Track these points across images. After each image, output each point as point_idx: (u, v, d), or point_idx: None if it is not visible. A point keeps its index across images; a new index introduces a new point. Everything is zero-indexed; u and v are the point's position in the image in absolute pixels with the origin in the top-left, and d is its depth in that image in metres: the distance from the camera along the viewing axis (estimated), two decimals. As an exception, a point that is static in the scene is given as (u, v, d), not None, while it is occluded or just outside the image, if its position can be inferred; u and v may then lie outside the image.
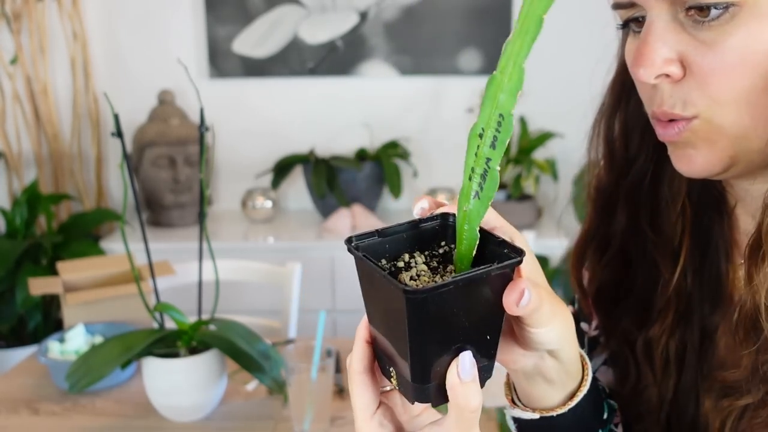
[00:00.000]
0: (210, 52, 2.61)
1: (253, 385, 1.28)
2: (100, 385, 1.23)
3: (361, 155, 2.58)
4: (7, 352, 2.25)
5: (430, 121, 2.64)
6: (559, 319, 0.44)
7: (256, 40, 2.60)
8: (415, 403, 0.43)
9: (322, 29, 2.58)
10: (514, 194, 2.42)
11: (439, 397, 0.43)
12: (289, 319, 1.77)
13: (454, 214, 0.45)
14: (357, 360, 0.45)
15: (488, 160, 0.41)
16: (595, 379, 0.57)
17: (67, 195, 2.55)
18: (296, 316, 1.78)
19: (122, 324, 1.40)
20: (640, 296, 0.62)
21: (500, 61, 0.39)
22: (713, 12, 0.46)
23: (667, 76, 0.50)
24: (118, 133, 1.03)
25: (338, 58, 2.60)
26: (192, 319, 1.18)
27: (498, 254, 0.43)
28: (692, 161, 0.52)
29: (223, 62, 2.61)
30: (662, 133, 0.53)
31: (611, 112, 0.63)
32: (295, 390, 1.08)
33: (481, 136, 0.41)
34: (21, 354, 2.19)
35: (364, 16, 2.57)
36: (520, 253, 0.42)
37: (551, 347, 0.46)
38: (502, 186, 2.49)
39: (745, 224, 0.60)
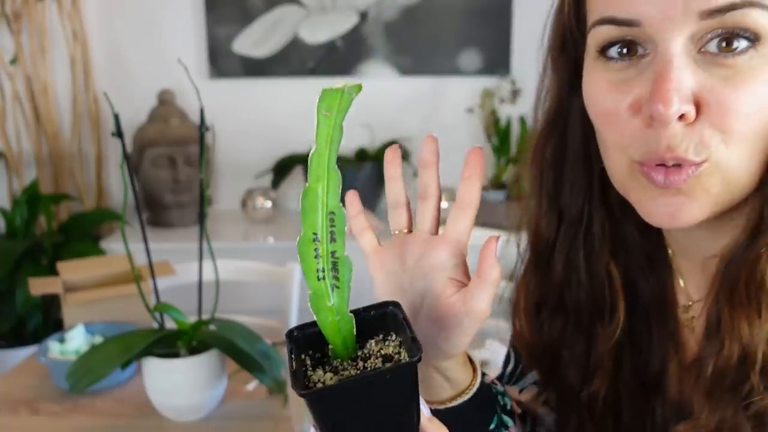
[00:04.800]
0: (210, 52, 2.61)
1: (253, 385, 1.28)
2: (100, 385, 1.23)
3: (361, 155, 2.58)
4: (7, 352, 2.25)
5: (430, 121, 2.64)
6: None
7: (256, 40, 2.60)
8: None
9: (322, 29, 2.58)
10: (514, 194, 2.42)
11: None
12: (289, 319, 1.77)
13: (393, 303, 0.48)
14: None
15: (333, 252, 0.44)
16: (495, 393, 0.62)
17: (67, 195, 2.55)
18: (296, 316, 1.78)
19: (122, 324, 1.40)
20: (580, 350, 0.61)
21: (310, 174, 0.43)
22: (737, 45, 0.45)
23: (682, 116, 0.46)
24: (118, 133, 1.03)
25: (338, 58, 2.60)
26: (192, 319, 1.18)
27: (387, 322, 0.47)
28: (681, 211, 0.48)
29: (223, 62, 2.61)
30: (665, 180, 0.48)
31: (544, 152, 0.61)
32: (296, 390, 1.08)
33: (314, 240, 0.44)
34: (21, 354, 2.19)
35: (364, 16, 2.56)
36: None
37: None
38: (501, 186, 2.49)
39: (687, 268, 0.60)
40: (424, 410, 0.47)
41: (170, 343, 1.14)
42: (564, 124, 0.59)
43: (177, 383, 1.13)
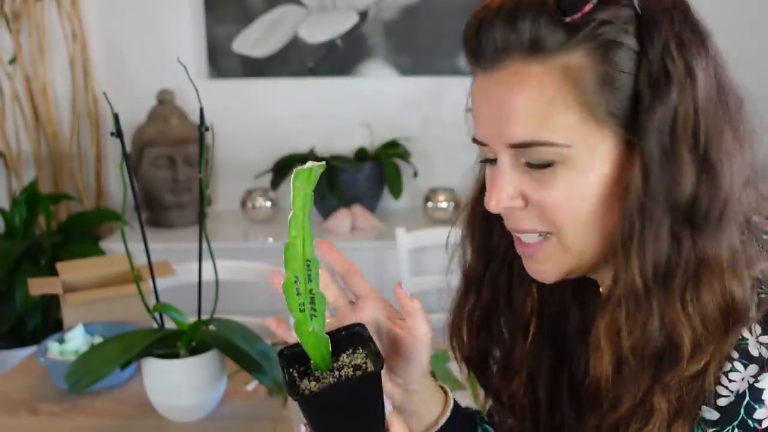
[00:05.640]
0: (210, 52, 2.60)
1: (253, 385, 1.28)
2: (99, 385, 1.23)
3: (361, 155, 2.57)
4: (6, 353, 2.24)
5: (430, 121, 2.64)
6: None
7: (256, 39, 2.60)
8: None
9: (322, 29, 2.58)
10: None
11: None
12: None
13: (359, 324, 0.63)
14: None
15: (311, 290, 0.58)
16: (473, 411, 0.81)
17: (66, 195, 2.54)
18: (296, 316, 1.78)
19: (122, 324, 1.40)
20: (502, 360, 0.78)
21: (290, 232, 0.56)
22: (539, 166, 0.60)
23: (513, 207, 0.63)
24: (118, 133, 1.03)
25: (338, 58, 2.60)
26: (192, 319, 1.17)
27: (356, 341, 0.62)
28: (539, 273, 0.66)
29: (223, 62, 2.61)
30: (522, 251, 0.66)
31: (476, 208, 0.76)
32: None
33: (296, 281, 0.57)
34: (20, 354, 2.18)
35: (363, 15, 2.56)
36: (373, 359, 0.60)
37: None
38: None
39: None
40: (388, 407, 0.62)
41: (170, 344, 1.14)
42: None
43: (177, 383, 1.13)
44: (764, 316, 0.58)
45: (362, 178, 2.50)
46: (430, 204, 2.52)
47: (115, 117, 1.02)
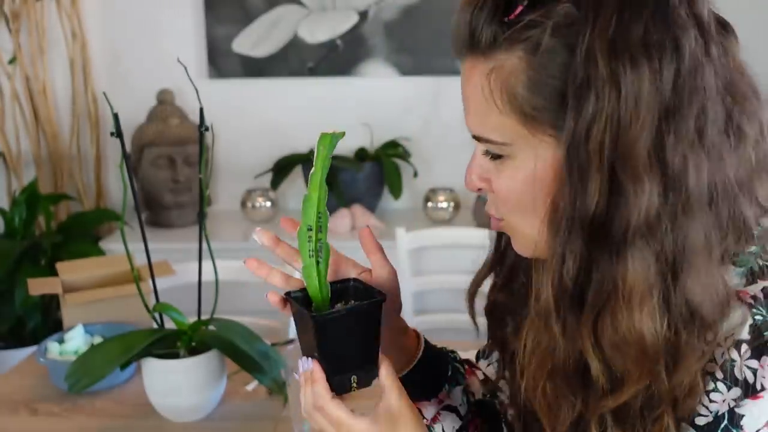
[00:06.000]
0: (210, 52, 2.60)
1: (252, 385, 1.28)
2: (99, 385, 1.23)
3: (361, 155, 2.57)
4: (6, 353, 2.24)
5: (430, 121, 2.63)
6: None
7: (256, 39, 2.59)
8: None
9: (321, 29, 2.58)
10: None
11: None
12: (289, 319, 1.77)
13: (353, 279, 0.73)
14: (325, 392, 0.66)
15: (319, 240, 0.67)
16: (440, 351, 0.84)
17: (66, 195, 2.54)
18: (296, 316, 1.78)
19: (122, 324, 1.40)
20: (514, 317, 0.78)
21: (310, 185, 0.66)
22: (494, 156, 0.63)
23: (481, 189, 0.66)
24: (118, 133, 1.03)
25: (338, 58, 2.59)
26: (192, 319, 1.17)
27: (352, 293, 0.71)
28: (516, 248, 0.68)
29: (222, 62, 2.61)
30: (492, 225, 0.70)
31: None
32: (295, 390, 1.08)
33: (309, 229, 0.66)
34: (20, 354, 2.18)
35: (363, 15, 2.56)
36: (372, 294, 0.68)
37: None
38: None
39: None
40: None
41: (170, 344, 1.14)
42: None
43: (176, 384, 1.13)
44: (755, 339, 0.55)
45: (362, 178, 2.50)
46: (430, 204, 2.52)
47: (115, 117, 1.02)
